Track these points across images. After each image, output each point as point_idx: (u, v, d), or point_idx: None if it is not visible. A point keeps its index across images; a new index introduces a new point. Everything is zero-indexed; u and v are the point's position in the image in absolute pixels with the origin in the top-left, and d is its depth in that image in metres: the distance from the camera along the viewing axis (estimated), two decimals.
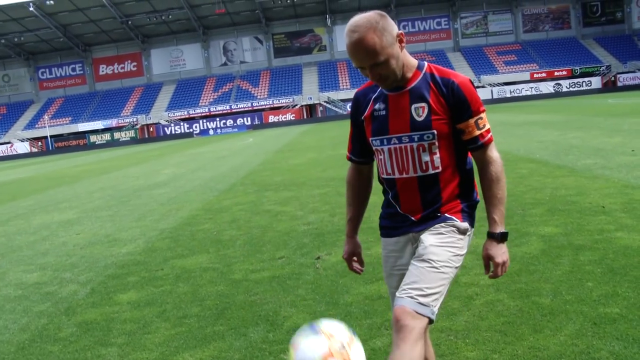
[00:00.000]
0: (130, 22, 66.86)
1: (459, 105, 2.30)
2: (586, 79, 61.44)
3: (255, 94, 66.66)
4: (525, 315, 3.80)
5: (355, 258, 2.71)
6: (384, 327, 3.90)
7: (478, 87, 57.53)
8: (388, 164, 2.42)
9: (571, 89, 60.76)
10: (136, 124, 64.66)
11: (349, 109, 2.59)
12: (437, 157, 2.35)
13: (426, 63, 2.41)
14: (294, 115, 62.12)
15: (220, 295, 5.00)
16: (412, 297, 2.17)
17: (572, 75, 62.13)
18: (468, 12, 70.07)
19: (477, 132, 2.34)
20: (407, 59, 2.35)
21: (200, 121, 62.95)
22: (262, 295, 4.88)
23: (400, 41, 2.28)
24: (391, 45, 2.23)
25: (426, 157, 2.35)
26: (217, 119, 62.57)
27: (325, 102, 62.80)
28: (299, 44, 71.73)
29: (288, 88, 66.59)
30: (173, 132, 62.63)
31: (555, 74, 62.35)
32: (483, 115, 2.36)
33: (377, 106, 2.42)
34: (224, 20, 68.86)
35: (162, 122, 64.60)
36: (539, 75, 62.38)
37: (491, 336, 3.52)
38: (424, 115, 2.31)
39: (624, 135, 15.18)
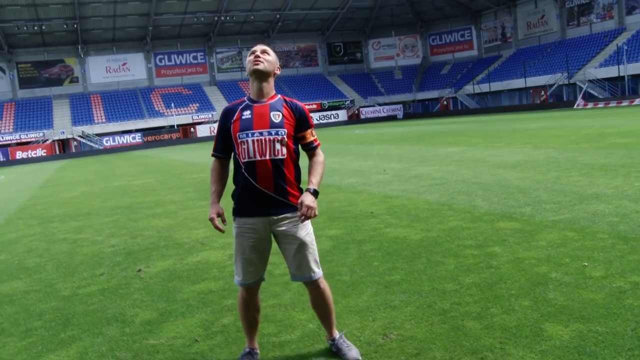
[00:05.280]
0: None
1: (301, 119, 3.50)
2: (334, 112, 67.47)
3: None
4: (334, 289, 4.85)
5: (220, 217, 3.52)
6: (225, 310, 4.71)
7: None
8: (251, 149, 3.37)
9: (321, 121, 66.11)
10: None
11: (219, 119, 3.63)
12: (284, 149, 3.38)
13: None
14: (45, 150, 58.19)
15: (57, 309, 5.26)
16: (314, 273, 3.50)
17: (321, 109, 67.78)
18: (223, 48, 72.56)
19: (312, 138, 3.55)
20: (273, 86, 3.58)
21: None
22: (100, 304, 5.30)
23: (278, 70, 3.60)
24: (274, 64, 3.55)
25: (278, 146, 3.37)
26: None
27: (79, 136, 60.02)
28: (48, 75, 67.41)
29: (37, 122, 62.04)
30: None
31: (307, 107, 67.09)
32: (314, 128, 3.59)
33: (244, 113, 3.46)
34: None
35: None
36: None
37: None
38: (279, 119, 3.41)
39: (375, 158, 17.68)
